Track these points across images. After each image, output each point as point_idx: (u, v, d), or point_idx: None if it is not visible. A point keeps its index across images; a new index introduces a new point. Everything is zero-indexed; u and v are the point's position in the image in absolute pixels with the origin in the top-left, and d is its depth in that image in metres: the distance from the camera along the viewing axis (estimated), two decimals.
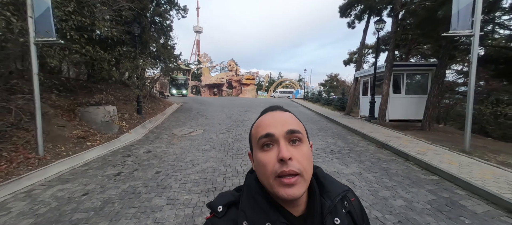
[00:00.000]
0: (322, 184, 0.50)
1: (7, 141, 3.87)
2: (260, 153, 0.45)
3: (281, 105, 0.54)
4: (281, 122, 0.47)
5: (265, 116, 0.50)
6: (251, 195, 0.47)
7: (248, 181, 0.50)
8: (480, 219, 2.32)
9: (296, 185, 0.42)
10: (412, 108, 7.57)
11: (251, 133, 0.51)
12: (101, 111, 5.96)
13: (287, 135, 0.45)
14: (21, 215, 2.45)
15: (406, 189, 3.00)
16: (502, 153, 4.42)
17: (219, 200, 0.49)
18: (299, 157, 0.44)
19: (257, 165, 0.46)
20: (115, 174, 3.61)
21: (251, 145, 0.51)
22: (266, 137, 0.45)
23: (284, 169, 0.41)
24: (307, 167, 0.44)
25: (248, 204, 0.46)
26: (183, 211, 2.51)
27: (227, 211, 0.47)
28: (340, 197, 0.49)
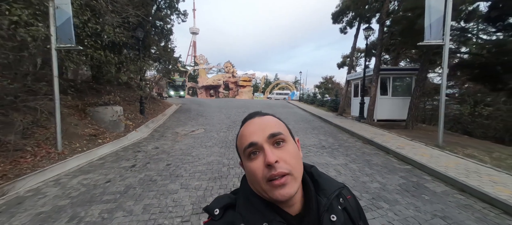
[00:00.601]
0: (318, 182, 0.51)
1: (30, 137, 4.26)
2: (248, 162, 0.46)
3: (259, 110, 0.55)
4: (261, 127, 0.47)
5: (245, 126, 0.50)
6: (247, 196, 0.48)
7: (243, 184, 0.51)
8: (437, 196, 2.88)
9: (287, 184, 0.43)
10: (398, 109, 8.22)
11: (236, 145, 0.52)
12: (109, 111, 6.36)
13: (269, 139, 0.45)
14: (57, 198, 2.88)
15: (383, 175, 3.56)
16: (470, 147, 5.05)
17: (216, 203, 0.49)
18: (286, 157, 0.44)
19: (248, 174, 0.47)
20: (130, 166, 4.06)
21: (239, 156, 0.51)
22: (250, 146, 0.45)
23: (273, 173, 0.42)
24: (295, 165, 0.45)
25: (244, 206, 0.47)
26: (196, 193, 2.99)
27: (224, 214, 0.47)
28: (335, 194, 0.50)
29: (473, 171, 3.49)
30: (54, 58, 4.31)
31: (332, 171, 3.74)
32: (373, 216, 2.42)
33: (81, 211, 2.54)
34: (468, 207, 2.61)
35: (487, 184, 3.00)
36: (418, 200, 2.78)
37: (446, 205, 2.66)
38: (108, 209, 2.59)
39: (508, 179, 3.22)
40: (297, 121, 9.21)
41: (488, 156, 4.36)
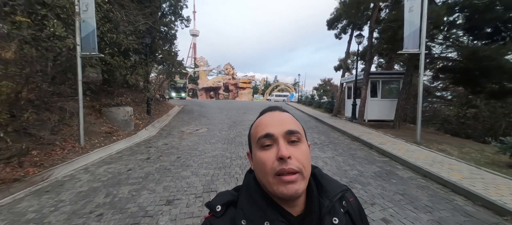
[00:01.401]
0: (321, 183, 0.51)
1: (58, 133, 4.88)
2: (259, 152, 0.46)
3: (280, 106, 0.55)
4: (280, 122, 0.47)
5: (264, 116, 0.50)
6: (250, 193, 0.48)
7: (246, 180, 0.51)
8: (403, 180, 3.51)
9: (296, 183, 0.42)
10: (387, 110, 8.86)
11: (250, 133, 0.52)
12: (121, 111, 6.98)
13: (286, 135, 0.45)
14: (90, 181, 3.49)
15: (363, 165, 4.19)
16: (446, 144, 5.68)
17: (218, 200, 0.49)
18: (298, 155, 0.44)
19: (256, 164, 0.47)
20: (145, 158, 4.67)
21: (250, 144, 0.51)
22: (266, 137, 0.45)
23: (284, 167, 0.42)
24: (306, 165, 0.45)
25: (246, 203, 0.46)
26: (204, 178, 3.60)
27: (226, 210, 0.47)
28: (338, 197, 0.49)
29: (438, 161, 4.12)
30: (79, 65, 4.95)
31: (320, 162, 4.36)
32: None
33: (113, 190, 3.16)
34: (425, 187, 3.24)
35: (445, 171, 3.63)
36: (386, 182, 3.41)
37: (408, 186, 3.29)
38: (134, 189, 3.20)
39: (464, 167, 3.85)
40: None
41: (457, 151, 5.00)
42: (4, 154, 3.62)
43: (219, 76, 48.66)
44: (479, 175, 3.47)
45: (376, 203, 2.79)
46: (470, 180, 3.26)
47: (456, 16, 7.34)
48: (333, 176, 3.65)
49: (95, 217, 2.49)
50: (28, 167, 3.68)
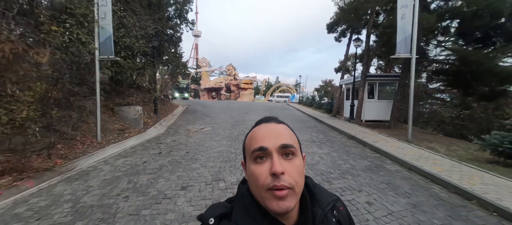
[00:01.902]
0: (313, 193, 0.51)
1: (78, 130, 5.35)
2: (253, 165, 0.46)
3: (275, 117, 0.54)
4: (274, 135, 0.47)
5: (259, 128, 0.50)
6: (244, 205, 0.47)
7: (240, 192, 0.51)
8: (390, 172, 3.92)
9: (288, 198, 0.42)
10: (383, 111, 9.24)
11: (244, 144, 0.52)
12: (132, 110, 7.46)
13: (280, 149, 0.45)
14: (111, 171, 3.94)
15: (355, 160, 4.60)
16: (435, 142, 6.07)
17: (210, 212, 0.48)
18: (291, 171, 0.44)
19: (250, 177, 0.47)
20: (157, 153, 5.12)
21: (245, 155, 0.51)
22: (260, 150, 0.45)
23: (276, 183, 0.42)
24: (298, 181, 0.45)
25: (240, 215, 0.46)
26: (212, 169, 4.04)
27: (219, 223, 0.46)
28: (330, 206, 0.51)
29: (424, 157, 4.53)
30: (97, 67, 5.42)
31: (317, 157, 4.78)
32: (339, 183, 3.46)
33: (133, 178, 3.61)
34: (408, 178, 3.65)
35: (428, 165, 4.03)
36: (375, 174, 3.82)
37: (394, 177, 3.70)
38: (152, 177, 3.65)
39: (446, 162, 4.25)
40: (294, 121, 10.25)
41: (445, 148, 5.39)
42: (35, 147, 4.09)
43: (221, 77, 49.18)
44: (458, 169, 3.87)
45: (363, 190, 3.21)
46: (449, 172, 3.67)
47: (448, 22, 7.73)
48: (328, 169, 4.07)
49: (122, 198, 2.94)
50: (55, 159, 4.15)
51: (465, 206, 2.78)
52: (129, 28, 6.48)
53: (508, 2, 5.78)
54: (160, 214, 2.59)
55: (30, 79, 3.77)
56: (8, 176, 3.38)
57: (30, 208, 2.71)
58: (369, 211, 2.64)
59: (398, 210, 2.67)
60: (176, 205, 2.80)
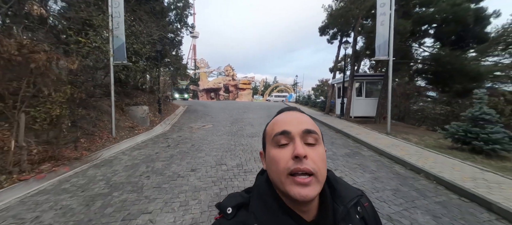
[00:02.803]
0: (334, 188, 0.49)
1: (96, 126, 6.06)
2: (274, 149, 0.45)
3: (297, 107, 0.54)
4: (298, 121, 0.46)
5: (282, 115, 0.49)
6: (261, 196, 0.46)
7: (258, 182, 0.50)
8: (364, 157, 4.69)
9: (310, 186, 0.40)
10: (370, 107, 10.04)
11: (265, 131, 0.51)
12: (139, 110, 8.17)
13: (303, 134, 0.44)
14: (130, 160, 4.67)
15: (338, 149, 5.37)
16: (411, 134, 6.86)
17: (229, 201, 0.48)
18: (315, 157, 0.43)
19: (270, 162, 0.45)
20: (166, 146, 5.84)
21: (264, 143, 0.50)
22: (282, 134, 0.44)
23: (299, 166, 0.40)
24: (321, 168, 0.43)
25: (258, 206, 0.45)
26: (216, 157, 4.78)
27: (237, 213, 0.46)
28: (353, 202, 0.48)
29: (395, 145, 5.31)
30: (112, 72, 6.13)
31: None
32: None
33: (150, 164, 4.34)
34: (377, 161, 4.43)
35: (397, 151, 4.82)
36: (351, 158, 4.59)
37: (365, 160, 4.48)
38: (165, 163, 4.38)
39: (413, 148, 5.04)
40: None
41: (417, 138, 6.19)
42: (64, 140, 4.80)
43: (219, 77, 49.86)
44: (420, 153, 4.66)
45: (338, 169, 3.97)
46: (410, 155, 4.45)
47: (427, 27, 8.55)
48: None
49: (144, 177, 3.67)
50: (81, 150, 4.87)
51: (414, 178, 3.56)
52: (137, 35, 7.19)
53: (472, 10, 6.59)
54: (177, 186, 3.33)
55: (62, 82, 4.49)
56: (47, 163, 4.10)
57: (73, 185, 3.44)
58: None
59: (361, 181, 3.44)
60: (188, 181, 3.54)
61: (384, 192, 3.07)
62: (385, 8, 6.62)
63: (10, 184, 3.29)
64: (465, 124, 4.89)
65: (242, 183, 3.45)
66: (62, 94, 4.50)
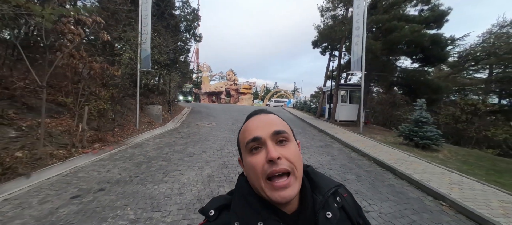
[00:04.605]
0: (313, 180, 0.51)
1: (125, 120, 7.58)
2: (249, 156, 0.46)
3: (264, 108, 0.55)
4: (266, 123, 0.47)
5: (250, 121, 0.51)
6: (243, 195, 0.48)
7: (239, 183, 0.51)
8: (332, 148, 6.17)
9: (289, 187, 0.42)
10: (353, 112, 11.53)
11: (238, 139, 0.52)
12: (155, 108, 9.70)
13: (273, 136, 0.45)
14: (155, 144, 6.15)
15: (315, 142, 6.85)
16: (379, 134, 8.33)
17: (211, 204, 0.49)
18: (288, 155, 0.44)
19: (247, 169, 0.47)
20: (180, 137, 7.34)
21: (240, 150, 0.51)
22: (254, 141, 0.45)
23: (274, 168, 0.42)
24: (297, 163, 0.45)
25: (239, 205, 0.47)
26: (219, 144, 6.27)
27: (219, 215, 0.47)
28: (331, 192, 0.50)
29: (360, 141, 6.79)
30: (138, 77, 7.70)
31: None
32: None
33: (171, 147, 5.82)
34: (340, 149, 5.91)
35: (358, 144, 6.29)
36: (322, 148, 6.07)
37: (333, 149, 5.95)
38: (182, 147, 5.87)
39: (372, 143, 6.51)
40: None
41: (381, 137, 7.66)
42: (105, 128, 6.30)
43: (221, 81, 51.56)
44: (374, 146, 6.13)
45: (309, 153, 5.45)
46: (366, 147, 5.93)
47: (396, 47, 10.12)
48: None
49: (170, 154, 5.16)
50: (117, 137, 6.37)
51: (360, 159, 5.05)
52: (157, 46, 8.81)
53: (428, 36, 8.17)
54: (194, 159, 4.82)
55: (108, 85, 6.05)
56: (97, 143, 5.60)
57: (121, 157, 4.93)
58: (306, 160, 4.89)
59: (322, 159, 4.93)
60: (201, 157, 5.03)
61: (334, 166, 4.55)
62: (359, 31, 8.22)
63: (78, 154, 4.79)
64: (411, 125, 6.39)
65: None
66: (108, 94, 6.07)
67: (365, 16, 8.02)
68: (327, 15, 11.83)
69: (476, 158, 5.43)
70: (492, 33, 12.53)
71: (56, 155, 4.38)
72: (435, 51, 8.83)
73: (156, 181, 3.63)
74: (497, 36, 12.08)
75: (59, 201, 2.91)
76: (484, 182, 3.59)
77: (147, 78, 8.96)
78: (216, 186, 3.50)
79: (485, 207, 2.75)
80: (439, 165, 4.50)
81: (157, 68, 8.72)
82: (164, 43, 9.30)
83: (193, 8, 14.72)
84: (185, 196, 3.14)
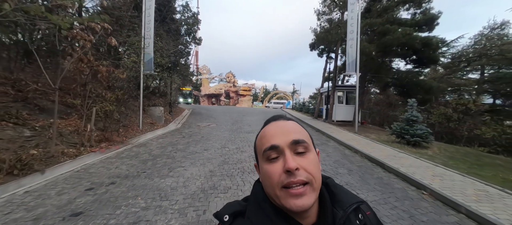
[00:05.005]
0: (334, 193, 0.49)
1: (128, 121, 7.87)
2: (266, 165, 0.45)
3: (284, 114, 0.53)
4: (285, 131, 0.46)
5: (268, 127, 0.49)
6: (258, 203, 0.47)
7: (255, 190, 0.50)
8: (328, 146, 6.47)
9: (305, 195, 0.41)
10: (349, 113, 11.85)
11: (255, 145, 0.51)
12: (157, 110, 10.00)
13: (292, 145, 0.44)
14: (159, 143, 6.44)
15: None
16: (374, 134, 8.64)
17: (226, 210, 0.48)
18: (306, 165, 0.43)
19: (263, 177, 0.46)
20: (182, 137, 7.63)
21: (257, 156, 0.50)
22: (271, 149, 0.44)
23: (292, 179, 0.41)
24: (315, 174, 0.43)
25: (254, 212, 0.45)
26: (220, 144, 6.56)
27: (234, 221, 0.46)
28: (353, 208, 0.47)
29: (354, 139, 7.09)
30: (141, 79, 8.01)
31: None
32: None
33: (174, 146, 6.11)
34: (335, 147, 6.21)
35: (352, 142, 6.59)
36: (317, 146, 6.35)
37: (328, 147, 6.25)
38: (184, 146, 6.16)
39: (366, 141, 6.82)
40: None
41: (375, 136, 7.97)
42: (110, 129, 6.59)
43: (220, 83, 51.93)
44: (367, 144, 6.44)
45: None
46: (360, 145, 6.23)
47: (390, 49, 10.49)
48: None
49: (173, 153, 5.45)
50: (122, 137, 6.66)
51: (353, 156, 5.35)
52: (159, 50, 9.13)
53: (419, 38, 8.53)
54: (196, 157, 5.11)
55: (113, 87, 6.35)
56: (104, 142, 5.88)
57: (127, 155, 5.21)
58: None
59: None
60: (203, 155, 5.32)
61: (328, 162, 4.85)
62: (353, 34, 8.58)
63: (87, 153, 5.07)
64: (402, 123, 6.70)
65: (239, 156, 5.22)
66: (113, 96, 6.37)
67: (358, 20, 8.38)
68: (323, 19, 12.22)
69: (462, 154, 5.74)
70: (483, 35, 12.95)
71: (67, 153, 4.66)
72: (427, 53, 9.18)
73: (162, 175, 3.92)
74: (488, 38, 12.48)
75: (75, 192, 3.20)
76: (464, 174, 3.90)
77: (149, 80, 9.26)
78: (217, 179, 3.79)
79: (460, 194, 3.05)
80: (426, 160, 4.81)
81: (159, 71, 9.03)
82: (165, 47, 9.63)
83: (193, 12, 15.11)
84: (190, 188, 3.43)
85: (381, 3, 10.18)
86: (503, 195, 3.07)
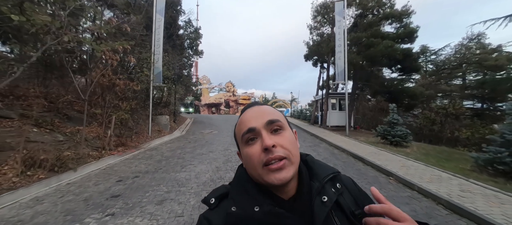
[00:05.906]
0: (311, 168, 0.53)
1: (139, 128, 8.65)
2: (245, 148, 0.48)
3: (258, 101, 0.59)
4: (259, 114, 0.49)
5: (244, 114, 0.52)
6: (241, 183, 0.50)
7: (238, 172, 0.53)
8: (319, 147, 7.24)
9: (284, 169, 0.43)
10: (343, 118, 12.66)
11: (235, 132, 0.54)
12: (163, 118, 10.80)
13: (267, 125, 0.47)
14: (169, 148, 7.19)
15: (307, 144, 7.91)
16: (363, 136, 9.42)
17: (212, 194, 0.50)
18: (283, 142, 0.45)
19: (245, 160, 0.49)
20: (188, 142, 8.38)
21: (238, 144, 0.53)
22: (249, 132, 0.47)
23: (270, 156, 0.43)
24: (292, 150, 0.46)
25: (237, 192, 0.48)
26: (223, 147, 7.32)
27: (220, 203, 0.49)
28: (328, 178, 0.50)
29: (344, 141, 7.87)
30: (151, 91, 8.88)
31: None
32: None
33: (182, 149, 6.86)
34: (326, 148, 6.98)
35: (341, 143, 7.36)
36: (310, 147, 7.13)
37: (319, 148, 7.02)
38: (192, 149, 6.91)
39: (354, 142, 7.60)
40: None
41: (364, 138, 8.76)
42: (124, 135, 7.36)
43: (220, 93, 52.98)
44: (355, 145, 7.21)
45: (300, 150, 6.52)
46: (348, 145, 7.00)
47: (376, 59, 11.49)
48: None
49: (183, 155, 6.20)
50: (135, 142, 7.42)
51: (340, 154, 6.13)
52: (167, 64, 10.08)
53: (400, 50, 9.53)
54: (203, 157, 5.86)
55: (127, 98, 7.19)
56: (120, 147, 6.64)
57: (143, 157, 5.96)
58: None
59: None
60: (209, 155, 6.07)
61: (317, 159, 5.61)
62: (340, 47, 9.58)
63: (107, 155, 5.82)
64: (386, 126, 7.52)
65: None
66: (128, 106, 7.20)
67: (345, 35, 9.41)
68: (315, 33, 13.33)
69: (437, 152, 6.51)
70: (463, 45, 14.06)
71: (92, 155, 5.42)
72: (409, 62, 10.17)
73: (176, 171, 4.67)
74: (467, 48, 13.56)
75: (109, 183, 3.94)
76: (429, 165, 4.66)
77: (158, 92, 10.14)
78: (223, 173, 4.54)
79: (418, 178, 3.81)
80: (401, 156, 5.58)
81: (166, 82, 9.93)
82: (172, 61, 10.59)
83: (195, 28, 16.30)
84: (201, 179, 4.18)
85: (366, 18, 11.29)
86: (451, 178, 3.83)
